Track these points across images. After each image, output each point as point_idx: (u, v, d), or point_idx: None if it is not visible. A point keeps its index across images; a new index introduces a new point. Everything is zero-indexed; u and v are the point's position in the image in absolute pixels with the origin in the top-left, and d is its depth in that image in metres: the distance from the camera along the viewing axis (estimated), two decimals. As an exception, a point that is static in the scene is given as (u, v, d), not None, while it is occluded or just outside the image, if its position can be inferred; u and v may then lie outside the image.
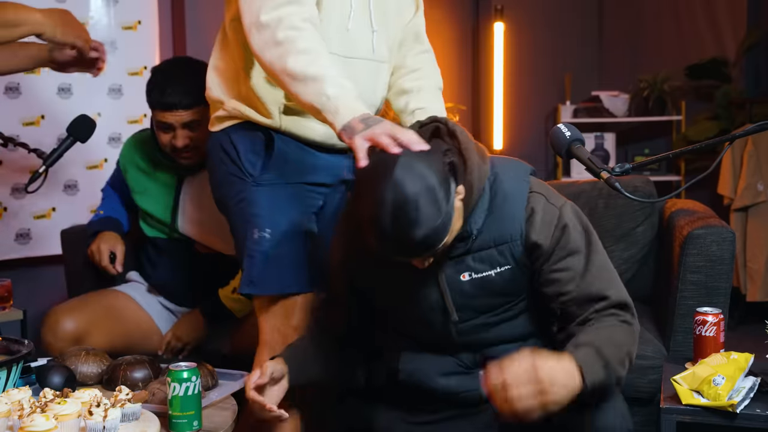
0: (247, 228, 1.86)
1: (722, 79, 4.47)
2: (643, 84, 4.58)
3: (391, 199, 1.42)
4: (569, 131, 1.67)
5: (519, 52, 4.73)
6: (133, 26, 3.26)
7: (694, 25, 4.71)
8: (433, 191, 1.43)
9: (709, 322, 1.91)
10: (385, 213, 1.42)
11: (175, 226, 2.46)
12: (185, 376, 1.61)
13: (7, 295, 2.63)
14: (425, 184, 1.43)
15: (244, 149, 1.86)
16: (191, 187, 2.44)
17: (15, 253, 3.04)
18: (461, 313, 1.64)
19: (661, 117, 4.63)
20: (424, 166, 1.44)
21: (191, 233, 2.45)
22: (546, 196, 1.61)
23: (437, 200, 1.43)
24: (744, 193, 4.06)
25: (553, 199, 1.61)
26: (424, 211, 1.42)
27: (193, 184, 2.43)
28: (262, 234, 1.83)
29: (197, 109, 2.30)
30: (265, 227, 1.83)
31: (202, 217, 2.42)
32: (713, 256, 2.29)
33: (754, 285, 4.05)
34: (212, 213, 2.38)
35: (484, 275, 1.61)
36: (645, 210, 2.73)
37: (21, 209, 3.03)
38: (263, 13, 1.65)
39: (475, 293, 1.63)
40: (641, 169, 4.45)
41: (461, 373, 1.70)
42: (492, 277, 1.61)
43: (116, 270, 2.46)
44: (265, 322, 1.90)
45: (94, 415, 1.47)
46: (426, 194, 1.42)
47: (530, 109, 4.89)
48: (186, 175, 2.45)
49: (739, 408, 1.70)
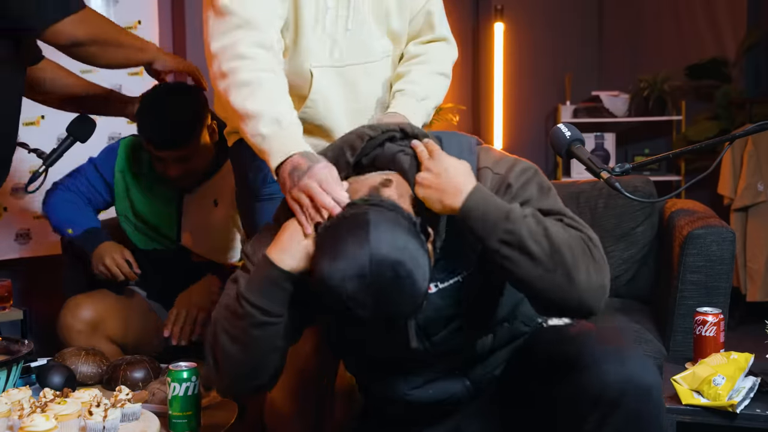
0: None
1: (722, 79, 4.47)
2: (643, 84, 4.58)
3: (369, 281, 1.29)
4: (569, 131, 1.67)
5: (519, 52, 4.73)
6: (133, 26, 3.26)
7: (694, 25, 4.71)
8: (414, 259, 1.31)
9: (709, 322, 1.92)
10: (364, 295, 1.30)
11: (179, 239, 2.42)
12: (185, 376, 1.62)
13: (7, 295, 2.64)
14: (403, 254, 1.30)
15: (248, 162, 1.78)
16: (193, 199, 2.40)
17: (15, 253, 3.04)
18: (431, 328, 1.54)
19: (661, 117, 4.62)
20: (397, 235, 1.32)
21: (193, 245, 2.41)
22: (491, 168, 1.50)
23: (419, 267, 1.32)
24: (744, 193, 4.06)
25: (498, 167, 1.50)
26: (408, 286, 1.31)
27: (195, 196, 2.40)
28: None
29: (187, 146, 2.26)
30: None
31: (204, 229, 2.39)
32: (713, 256, 2.30)
33: (754, 285, 4.05)
34: (213, 225, 2.38)
35: (452, 282, 1.52)
36: (645, 210, 2.73)
37: (21, 209, 3.03)
38: (213, 41, 1.59)
39: (445, 303, 1.53)
40: (641, 169, 4.45)
41: (443, 378, 1.61)
42: (460, 283, 1.52)
43: (137, 273, 2.41)
44: None
45: (94, 415, 1.48)
46: (408, 265, 1.30)
47: (530, 109, 4.89)
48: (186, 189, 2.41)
49: (739, 408, 1.70)
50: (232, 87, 1.54)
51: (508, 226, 1.37)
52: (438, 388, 1.61)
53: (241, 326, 1.44)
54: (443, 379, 1.61)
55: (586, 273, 1.37)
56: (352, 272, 1.29)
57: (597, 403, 1.40)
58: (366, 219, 1.33)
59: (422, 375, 1.61)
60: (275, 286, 1.43)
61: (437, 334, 1.55)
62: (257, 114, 1.51)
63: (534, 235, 1.36)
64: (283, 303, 1.44)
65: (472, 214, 1.39)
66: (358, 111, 1.77)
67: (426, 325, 1.54)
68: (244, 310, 1.43)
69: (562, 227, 1.40)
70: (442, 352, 1.57)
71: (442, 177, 1.42)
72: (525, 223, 1.37)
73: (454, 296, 1.52)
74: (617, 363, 1.41)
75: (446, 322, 1.55)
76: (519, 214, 1.38)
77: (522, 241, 1.36)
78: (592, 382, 1.41)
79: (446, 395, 1.61)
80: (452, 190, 1.41)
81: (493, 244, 1.38)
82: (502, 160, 1.52)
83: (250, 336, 1.44)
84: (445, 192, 1.41)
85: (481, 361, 1.61)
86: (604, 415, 1.40)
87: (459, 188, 1.40)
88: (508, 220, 1.37)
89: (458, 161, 1.45)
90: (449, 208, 1.41)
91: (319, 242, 1.39)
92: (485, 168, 1.50)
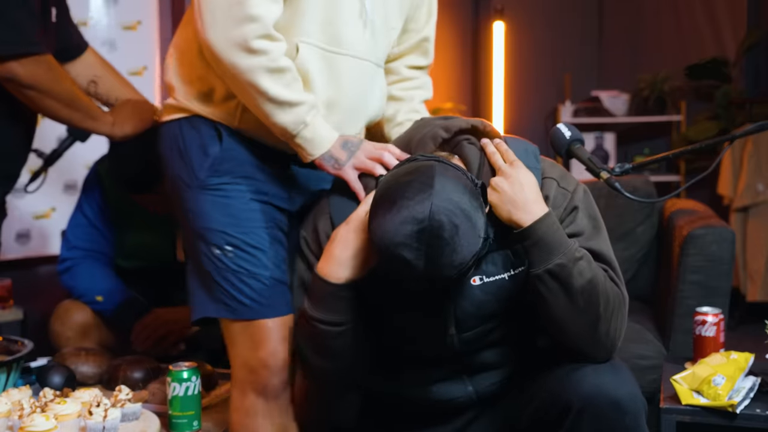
0: (198, 244, 1.59)
1: (722, 79, 4.47)
2: (643, 84, 4.58)
3: (426, 228, 1.29)
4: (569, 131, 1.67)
5: (519, 52, 4.73)
6: (133, 26, 3.26)
7: (694, 25, 4.71)
8: (471, 218, 1.32)
9: (709, 322, 1.92)
10: (418, 242, 1.30)
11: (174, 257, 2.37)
12: (185, 376, 1.62)
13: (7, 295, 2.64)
14: (463, 211, 1.32)
15: (192, 145, 1.60)
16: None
17: (15, 253, 3.04)
18: (467, 322, 1.53)
19: (661, 117, 4.63)
20: (459, 192, 1.34)
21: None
22: (558, 180, 1.54)
23: (475, 227, 1.33)
24: (744, 193, 4.06)
25: (565, 182, 1.54)
26: (462, 242, 1.31)
27: None
28: (221, 251, 1.57)
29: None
30: (223, 243, 1.56)
31: None
32: (713, 256, 2.30)
33: (754, 285, 4.05)
34: None
35: (497, 278, 1.51)
36: (645, 210, 2.73)
37: (21, 209, 3.03)
38: (249, 6, 1.45)
39: (486, 299, 1.51)
40: (641, 169, 4.44)
41: (448, 380, 1.61)
42: (505, 280, 1.51)
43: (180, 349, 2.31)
44: (233, 357, 1.62)
45: (94, 415, 1.48)
46: (465, 222, 1.31)
47: (530, 109, 4.89)
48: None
49: (739, 408, 1.70)
50: (265, 71, 1.47)
51: (563, 260, 1.41)
52: (441, 389, 1.61)
53: (320, 342, 1.50)
54: (447, 381, 1.61)
55: (607, 329, 1.45)
56: (412, 216, 1.30)
57: (567, 412, 1.43)
58: (432, 169, 1.35)
59: (428, 374, 1.61)
60: (337, 299, 1.47)
61: (471, 330, 1.55)
62: (301, 101, 1.50)
63: (581, 277, 1.42)
64: (349, 309, 1.48)
65: (535, 237, 1.42)
66: (333, 104, 1.62)
67: (463, 319, 1.53)
68: (318, 329, 1.48)
69: (606, 279, 1.46)
70: (467, 351, 1.58)
71: (516, 189, 1.45)
72: (578, 264, 1.42)
73: (496, 294, 1.52)
74: (590, 374, 1.44)
75: (482, 320, 1.55)
76: (575, 254, 1.43)
77: (569, 279, 1.41)
78: (565, 391, 1.44)
79: (447, 397, 1.61)
80: (525, 207, 1.44)
81: (541, 272, 1.42)
82: (567, 176, 1.57)
83: (332, 347, 1.50)
84: (516, 206, 1.44)
85: (487, 370, 1.61)
86: (573, 424, 1.42)
87: (532, 209, 1.44)
88: (565, 255, 1.42)
89: (533, 179, 1.48)
90: (516, 222, 1.44)
91: (380, 189, 1.39)
92: (551, 179, 1.54)
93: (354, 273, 1.46)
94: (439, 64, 2.08)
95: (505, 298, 1.52)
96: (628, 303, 1.51)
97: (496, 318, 1.55)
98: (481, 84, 4.77)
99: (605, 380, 1.43)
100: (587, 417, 1.41)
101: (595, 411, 1.40)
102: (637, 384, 1.48)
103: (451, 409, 1.63)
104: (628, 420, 1.41)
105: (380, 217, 1.33)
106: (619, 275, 1.50)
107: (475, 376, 1.61)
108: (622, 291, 1.49)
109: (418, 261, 1.31)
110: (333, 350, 1.50)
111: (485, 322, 1.55)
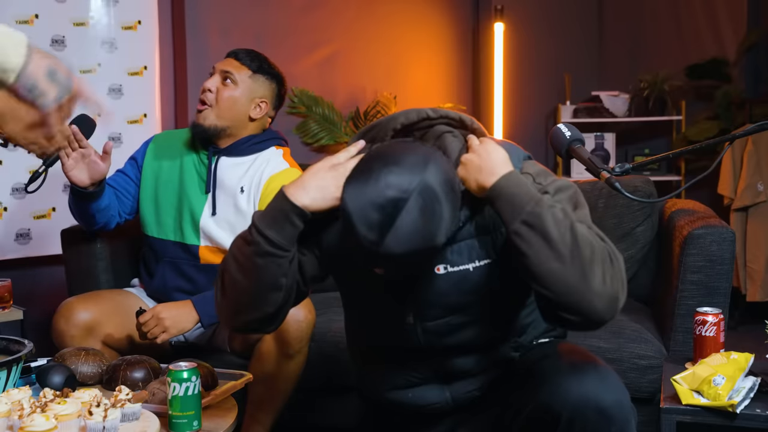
0: None
1: (722, 79, 4.47)
2: (643, 84, 4.58)
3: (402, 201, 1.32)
4: (569, 131, 1.67)
5: (519, 52, 4.73)
6: (133, 26, 3.26)
7: (694, 25, 4.71)
8: (442, 215, 1.35)
9: (709, 322, 1.91)
10: (390, 212, 1.32)
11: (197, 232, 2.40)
12: (185, 376, 1.61)
13: (7, 295, 2.63)
14: (441, 205, 1.35)
15: None
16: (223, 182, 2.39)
17: (15, 253, 3.04)
18: (429, 311, 1.55)
19: (661, 117, 4.62)
20: (447, 187, 1.36)
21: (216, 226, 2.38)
22: (534, 176, 1.51)
23: (442, 224, 1.35)
24: (744, 193, 4.06)
25: (541, 177, 1.51)
26: (429, 229, 1.34)
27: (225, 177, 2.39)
28: None
29: (244, 68, 2.36)
30: None
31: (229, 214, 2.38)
32: (713, 256, 2.29)
33: (754, 285, 4.05)
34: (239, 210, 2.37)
35: (461, 269, 1.51)
36: (645, 210, 2.73)
37: (21, 209, 3.03)
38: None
39: (448, 289, 1.52)
40: (641, 169, 4.45)
41: (425, 384, 1.62)
42: (469, 271, 1.51)
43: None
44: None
45: (94, 415, 1.47)
46: (437, 215, 1.34)
47: (530, 109, 4.89)
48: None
49: (739, 408, 1.70)
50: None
51: (535, 209, 1.38)
52: (418, 393, 1.62)
53: (247, 252, 1.49)
54: (425, 386, 1.62)
55: (602, 276, 1.37)
56: (397, 184, 1.33)
57: (556, 421, 1.42)
58: (433, 153, 1.39)
59: (406, 376, 1.62)
60: (285, 220, 1.47)
61: (433, 321, 1.55)
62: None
63: (558, 224, 1.37)
64: (290, 239, 1.48)
65: (503, 193, 1.41)
66: None
67: (424, 307, 1.54)
68: (252, 237, 1.48)
69: (587, 229, 1.41)
70: (430, 345, 1.57)
71: (483, 158, 1.46)
72: (551, 210, 1.38)
73: (459, 284, 1.52)
74: (575, 382, 1.43)
75: (445, 312, 1.55)
76: (548, 202, 1.40)
77: (544, 225, 1.36)
78: (551, 399, 1.43)
79: (425, 402, 1.62)
80: (489, 170, 1.44)
81: (516, 225, 1.38)
82: (546, 174, 1.54)
83: (254, 264, 1.48)
84: (481, 171, 1.44)
85: (464, 378, 1.62)
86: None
87: (495, 170, 1.44)
88: (537, 204, 1.39)
89: (502, 150, 1.48)
90: (482, 187, 1.44)
91: (374, 152, 1.43)
92: (527, 174, 1.52)
93: (312, 203, 1.47)
94: (439, 64, 2.09)
95: (468, 290, 1.52)
96: (621, 257, 1.43)
97: (460, 312, 1.55)
98: (481, 84, 4.77)
99: (591, 388, 1.41)
100: (576, 426, 1.40)
101: (583, 420, 1.40)
102: (626, 390, 1.46)
103: (430, 416, 1.64)
104: (615, 429, 1.40)
105: (362, 177, 1.36)
106: (604, 237, 1.44)
107: (453, 383, 1.62)
108: (610, 245, 1.42)
109: (381, 226, 1.32)
110: (255, 267, 1.49)
111: (448, 314, 1.55)
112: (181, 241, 2.41)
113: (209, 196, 2.38)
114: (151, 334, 2.22)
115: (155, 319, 2.22)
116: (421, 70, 4.52)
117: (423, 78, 4.53)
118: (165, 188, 2.44)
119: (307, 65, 4.08)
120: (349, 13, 4.22)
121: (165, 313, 2.23)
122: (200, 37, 3.54)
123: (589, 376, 1.44)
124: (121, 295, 2.46)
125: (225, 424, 1.71)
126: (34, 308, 2.78)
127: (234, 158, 2.39)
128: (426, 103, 4.42)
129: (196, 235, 2.39)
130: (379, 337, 1.65)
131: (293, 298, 1.56)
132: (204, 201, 2.39)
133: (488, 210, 1.50)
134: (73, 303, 2.32)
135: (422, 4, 4.54)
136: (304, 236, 1.51)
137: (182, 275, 2.41)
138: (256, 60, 2.37)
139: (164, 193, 2.44)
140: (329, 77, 4.16)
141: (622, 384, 1.48)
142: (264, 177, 2.36)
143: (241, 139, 2.40)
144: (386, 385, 1.64)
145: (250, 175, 2.37)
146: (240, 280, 1.51)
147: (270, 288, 1.50)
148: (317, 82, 4.09)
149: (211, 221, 2.37)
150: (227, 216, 2.37)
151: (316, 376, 2.46)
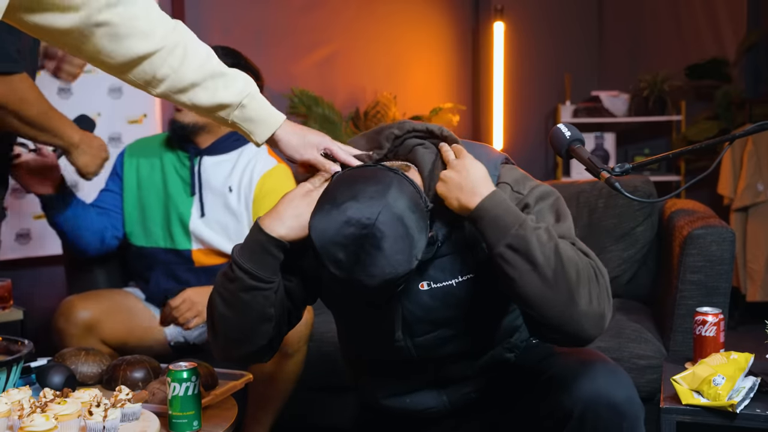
0: None
1: (722, 79, 4.47)
2: (643, 84, 4.58)
3: (368, 235, 1.32)
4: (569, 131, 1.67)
5: (519, 52, 4.73)
6: (133, 26, 3.25)
7: (694, 25, 4.71)
8: (412, 240, 1.34)
9: (709, 322, 1.91)
10: (355, 246, 1.33)
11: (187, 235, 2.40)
12: (185, 376, 1.61)
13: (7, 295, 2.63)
14: (407, 230, 1.34)
15: None
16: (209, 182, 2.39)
17: (15, 253, 3.04)
18: (417, 327, 1.54)
19: (661, 117, 4.62)
20: (410, 210, 1.36)
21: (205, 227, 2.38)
22: (512, 185, 1.50)
23: (413, 249, 1.35)
24: (744, 193, 4.06)
25: (519, 186, 1.50)
26: (397, 258, 1.33)
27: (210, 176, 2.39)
28: None
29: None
30: None
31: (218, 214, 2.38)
32: (713, 256, 2.30)
33: (754, 285, 4.05)
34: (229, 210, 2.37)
35: (444, 284, 1.50)
36: (645, 210, 2.73)
37: (21, 209, 3.03)
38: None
39: (433, 305, 1.52)
40: (641, 169, 4.45)
41: (422, 390, 1.62)
42: (452, 287, 1.50)
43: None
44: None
45: (94, 415, 1.47)
46: (404, 241, 1.34)
47: (530, 109, 4.89)
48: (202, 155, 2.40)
49: (739, 408, 1.70)
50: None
51: (520, 231, 1.36)
52: (415, 399, 1.62)
53: (231, 289, 1.48)
54: (421, 391, 1.62)
55: (588, 297, 1.36)
56: (358, 219, 1.32)
57: (566, 419, 1.42)
58: (391, 181, 1.37)
59: (402, 384, 1.62)
60: (265, 253, 1.46)
61: (422, 336, 1.55)
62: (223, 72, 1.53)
63: (542, 247, 1.35)
64: (273, 270, 1.47)
65: (486, 215, 1.39)
66: None
67: (412, 322, 1.54)
68: (235, 273, 1.47)
69: (572, 249, 1.40)
70: (425, 358, 1.57)
71: (463, 176, 1.43)
72: (536, 233, 1.37)
73: (444, 299, 1.52)
74: (587, 379, 1.43)
75: (433, 326, 1.54)
76: (531, 225, 1.38)
77: (529, 248, 1.35)
78: (562, 397, 1.44)
79: (422, 407, 1.62)
80: (470, 190, 1.41)
81: (500, 249, 1.37)
82: (525, 181, 1.52)
83: (240, 299, 1.47)
84: (462, 189, 1.42)
85: (460, 381, 1.62)
86: (574, 430, 1.42)
87: (477, 190, 1.41)
88: (521, 227, 1.37)
89: (481, 166, 1.46)
90: (464, 207, 1.42)
91: (335, 183, 1.42)
92: (505, 183, 1.51)
93: (289, 233, 1.46)
94: (439, 64, 2.09)
95: (454, 305, 1.52)
96: (606, 272, 1.42)
97: (448, 326, 1.55)
98: (481, 84, 4.77)
99: (603, 384, 1.42)
100: (588, 422, 1.40)
101: (595, 416, 1.40)
102: (634, 387, 1.47)
103: (428, 421, 1.64)
104: (626, 424, 1.41)
105: (325, 212, 1.36)
106: (589, 251, 1.43)
107: (450, 387, 1.62)
108: (594, 261, 1.41)
109: (349, 264, 1.33)
110: (241, 303, 1.48)
111: (437, 328, 1.55)
112: (173, 247, 2.40)
113: (195, 198, 2.37)
114: (183, 319, 2.21)
115: (188, 303, 2.20)
116: (421, 70, 4.52)
117: (423, 78, 4.53)
118: (149, 195, 2.43)
119: (307, 65, 4.08)
120: (348, 12, 4.22)
121: (197, 297, 2.22)
122: (200, 36, 3.51)
123: (600, 372, 1.44)
124: (120, 295, 2.46)
125: (225, 424, 1.71)
126: (34, 308, 2.77)
127: (216, 156, 2.39)
128: (426, 103, 4.42)
129: (187, 239, 2.38)
130: (371, 352, 1.65)
131: (286, 324, 1.56)
132: (191, 203, 2.38)
133: (468, 225, 1.48)
134: (74, 301, 2.32)
135: (422, 4, 4.54)
136: (286, 263, 1.50)
137: (178, 280, 2.40)
138: (231, 56, 2.32)
139: (149, 200, 2.43)
140: (329, 77, 4.17)
141: (631, 380, 1.48)
142: (255, 177, 2.36)
143: (221, 137, 2.39)
144: (383, 393, 1.65)
145: (238, 174, 2.37)
146: (229, 317, 1.50)
147: (259, 320, 1.49)
148: (317, 82, 4.09)
149: (200, 223, 2.36)
150: (217, 216, 2.36)
151: (316, 376, 2.47)
